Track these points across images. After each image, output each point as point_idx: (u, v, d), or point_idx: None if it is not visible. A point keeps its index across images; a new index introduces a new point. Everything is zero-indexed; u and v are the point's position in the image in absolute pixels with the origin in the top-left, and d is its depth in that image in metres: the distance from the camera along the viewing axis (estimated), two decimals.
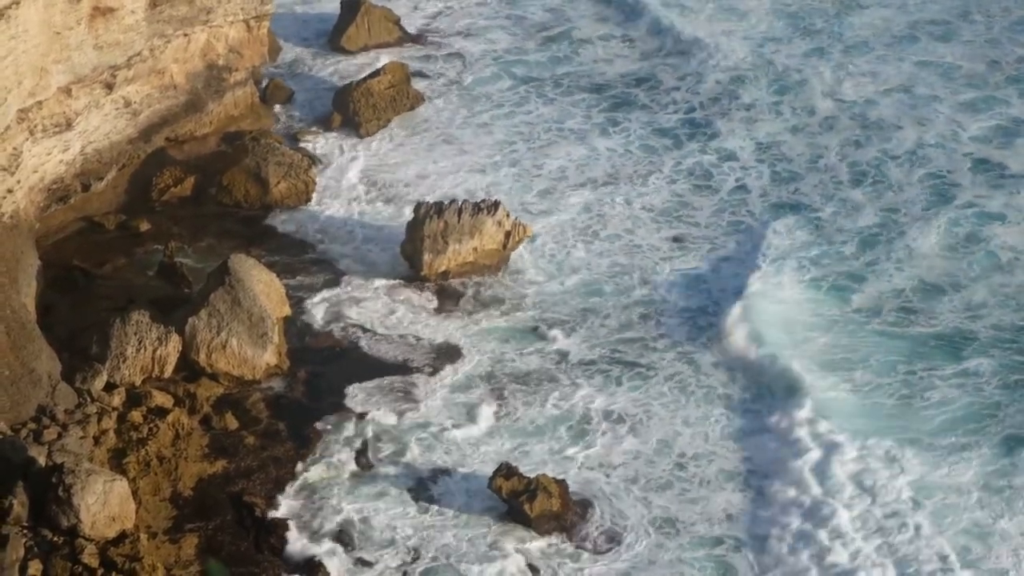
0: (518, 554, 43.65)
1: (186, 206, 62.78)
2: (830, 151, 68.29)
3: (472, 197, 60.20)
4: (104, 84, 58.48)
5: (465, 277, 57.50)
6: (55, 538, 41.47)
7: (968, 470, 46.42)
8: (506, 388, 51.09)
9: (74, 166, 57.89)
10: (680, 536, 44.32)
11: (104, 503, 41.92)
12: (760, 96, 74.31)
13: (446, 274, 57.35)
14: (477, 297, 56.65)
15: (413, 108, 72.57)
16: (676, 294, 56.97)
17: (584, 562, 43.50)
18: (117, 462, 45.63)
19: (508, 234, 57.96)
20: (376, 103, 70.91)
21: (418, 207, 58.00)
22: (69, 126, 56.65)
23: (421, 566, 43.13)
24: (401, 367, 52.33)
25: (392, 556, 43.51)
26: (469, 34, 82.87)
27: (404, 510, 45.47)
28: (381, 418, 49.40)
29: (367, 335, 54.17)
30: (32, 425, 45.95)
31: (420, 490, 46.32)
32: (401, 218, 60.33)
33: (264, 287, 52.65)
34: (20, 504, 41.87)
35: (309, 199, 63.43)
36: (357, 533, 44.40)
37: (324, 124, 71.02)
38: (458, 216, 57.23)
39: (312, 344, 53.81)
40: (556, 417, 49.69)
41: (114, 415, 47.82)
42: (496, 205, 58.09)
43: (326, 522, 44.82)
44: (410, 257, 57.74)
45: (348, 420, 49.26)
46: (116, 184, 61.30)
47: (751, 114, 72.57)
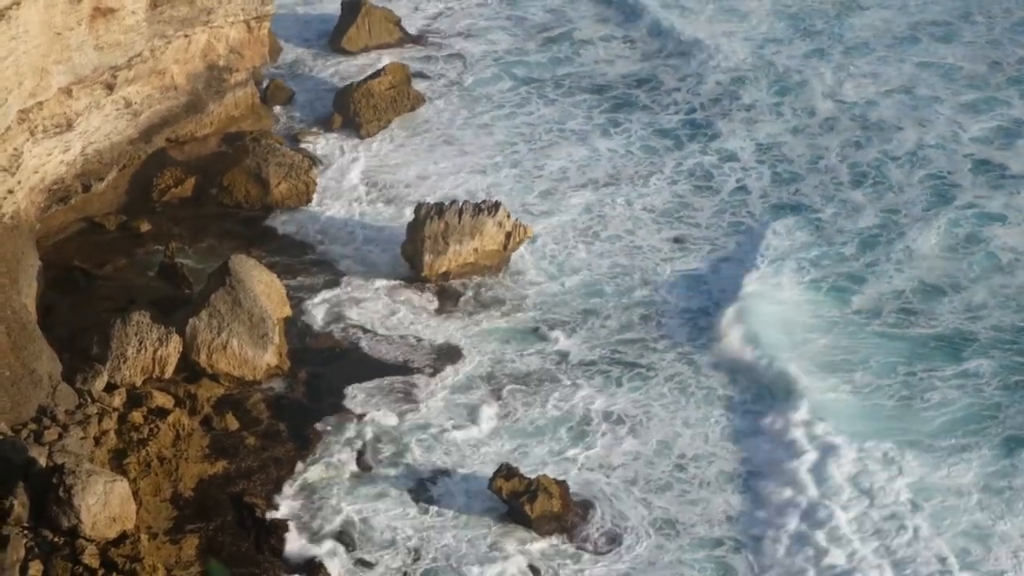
0: (519, 555, 43.63)
1: (187, 207, 62.79)
2: (830, 152, 68.28)
3: (473, 198, 60.15)
4: (105, 85, 58.48)
5: (466, 278, 57.49)
6: (56, 539, 41.46)
7: (968, 471, 46.42)
8: (506, 389, 51.09)
9: (75, 167, 57.88)
10: (680, 537, 44.33)
11: (105, 504, 41.90)
12: (761, 97, 74.28)
13: (447, 275, 57.34)
14: (478, 298, 56.65)
15: (414, 109, 72.57)
16: (677, 295, 56.98)
17: (585, 563, 43.48)
18: (118, 463, 45.62)
19: (509, 235, 57.95)
20: (377, 104, 70.89)
21: (419, 208, 57.99)
22: (70, 127, 56.65)
23: (421, 567, 43.13)
24: (401, 368, 52.35)
25: (392, 557, 43.51)
26: (470, 35, 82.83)
27: (404, 511, 45.46)
28: (381, 419, 49.40)
29: (367, 336, 54.19)
30: (33, 426, 45.93)
31: (420, 491, 46.32)
32: (402, 219, 60.33)
33: (265, 288, 52.64)
34: (21, 505, 41.85)
35: (310, 200, 63.43)
36: (357, 534, 44.40)
37: (325, 125, 71.03)
38: (459, 217, 57.22)
39: (313, 345, 53.81)
40: (556, 418, 49.71)
41: (115, 416, 47.81)
42: (497, 206, 58.08)
43: (326, 523, 44.81)
44: (411, 258, 57.74)
45: (348, 421, 49.26)
46: (117, 185, 61.30)
47: (752, 115, 72.55)
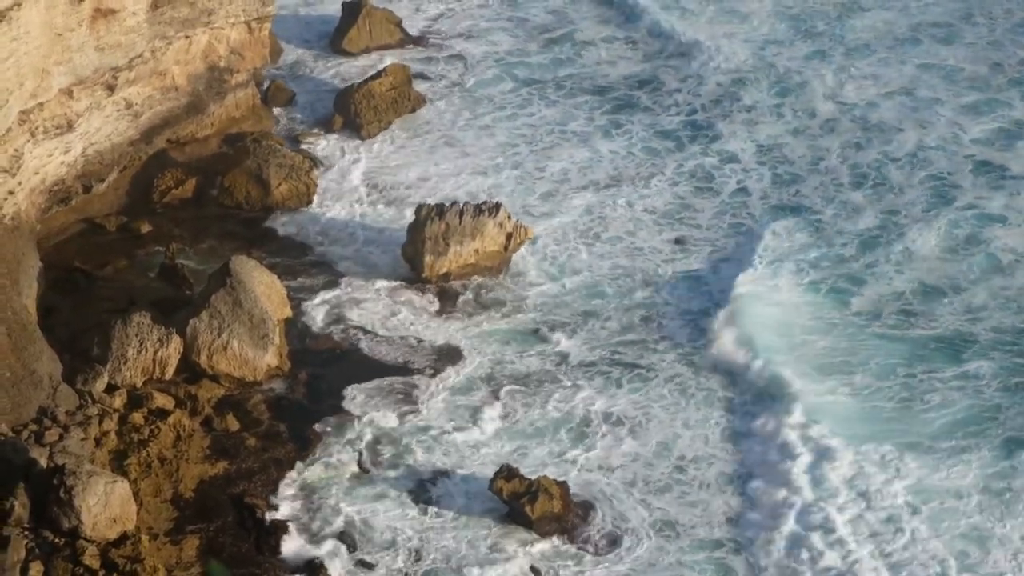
0: (519, 556, 43.65)
1: (187, 208, 62.80)
2: (831, 153, 68.21)
3: (474, 199, 60.11)
4: (105, 86, 58.47)
5: (466, 279, 57.48)
6: (56, 539, 41.48)
7: (967, 473, 46.42)
8: (507, 390, 51.10)
9: (75, 168, 57.87)
10: (680, 539, 44.36)
11: (105, 504, 41.92)
12: (761, 98, 74.20)
13: (447, 276, 57.34)
14: (478, 299, 56.65)
15: (414, 110, 72.55)
16: (677, 296, 56.98)
17: (585, 564, 43.51)
18: (118, 464, 45.62)
19: (509, 236, 57.94)
20: (377, 105, 70.86)
21: (419, 209, 57.97)
22: (70, 128, 56.64)
23: (422, 568, 43.16)
24: (402, 369, 52.36)
25: (393, 558, 43.54)
26: (471, 36, 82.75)
27: (405, 512, 45.49)
28: (382, 420, 49.42)
29: (368, 337, 54.19)
30: (33, 427, 45.94)
31: (421, 492, 46.35)
32: (402, 220, 60.32)
33: (265, 289, 52.65)
34: (21, 505, 41.88)
35: (310, 201, 63.42)
36: (358, 535, 44.40)
37: (325, 126, 71.01)
38: (459, 218, 57.22)
39: (313, 346, 53.82)
40: (557, 419, 49.72)
41: (115, 417, 47.83)
42: (497, 207, 58.07)
43: (327, 524, 44.84)
44: (411, 259, 57.74)
45: (349, 422, 49.28)
46: (117, 186, 61.28)
47: (752, 116, 72.50)
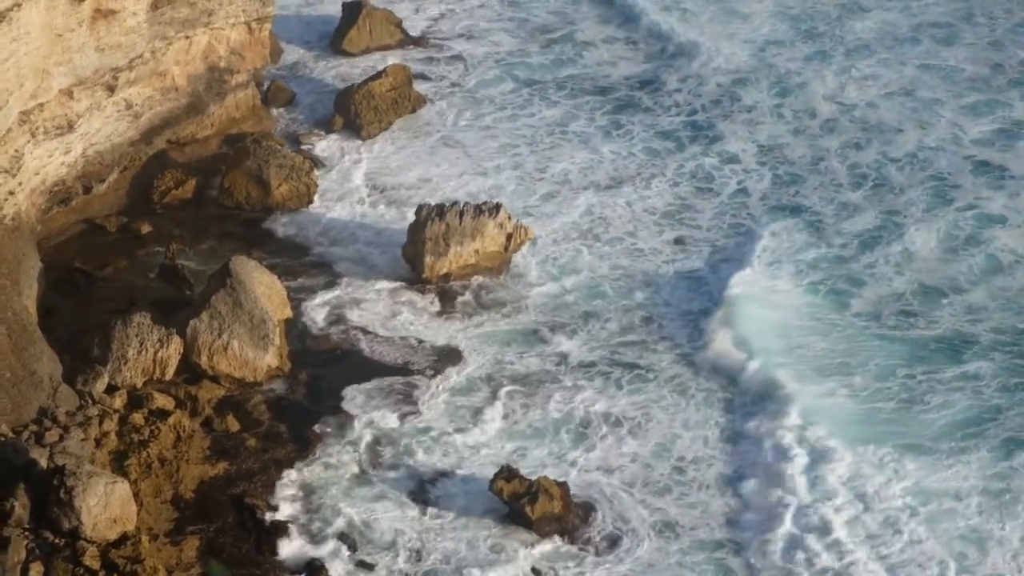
0: (520, 557, 43.60)
1: (187, 208, 62.82)
2: (831, 154, 68.13)
3: (474, 200, 60.06)
4: (105, 86, 58.46)
5: (466, 279, 57.48)
6: (56, 540, 41.48)
7: (966, 474, 46.31)
8: (507, 391, 51.05)
9: (75, 168, 57.88)
10: (680, 540, 44.29)
11: (105, 505, 41.92)
12: (761, 99, 74.13)
13: (447, 276, 57.34)
14: (478, 300, 56.64)
15: (415, 110, 72.53)
16: (678, 297, 56.96)
17: (586, 565, 43.47)
18: (118, 464, 45.60)
19: (510, 236, 57.94)
20: (378, 105, 70.85)
21: (419, 209, 57.95)
22: (71, 128, 56.64)
23: (422, 568, 43.12)
24: (402, 369, 52.34)
25: (393, 558, 43.50)
26: (471, 36, 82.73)
27: (405, 512, 45.45)
28: (382, 420, 49.42)
29: (368, 337, 54.18)
30: (33, 427, 45.93)
31: (421, 492, 46.32)
32: (402, 220, 60.27)
33: (265, 289, 52.65)
34: (21, 506, 41.87)
35: (310, 201, 63.41)
36: (358, 535, 44.38)
37: (325, 126, 71.00)
38: (459, 218, 57.22)
39: (313, 346, 53.81)
40: (557, 420, 49.69)
41: (115, 417, 47.82)
42: (497, 207, 58.06)
43: (327, 524, 44.81)
44: (411, 259, 57.74)
45: (349, 422, 49.26)
46: (117, 186, 61.29)
47: (752, 116, 72.44)
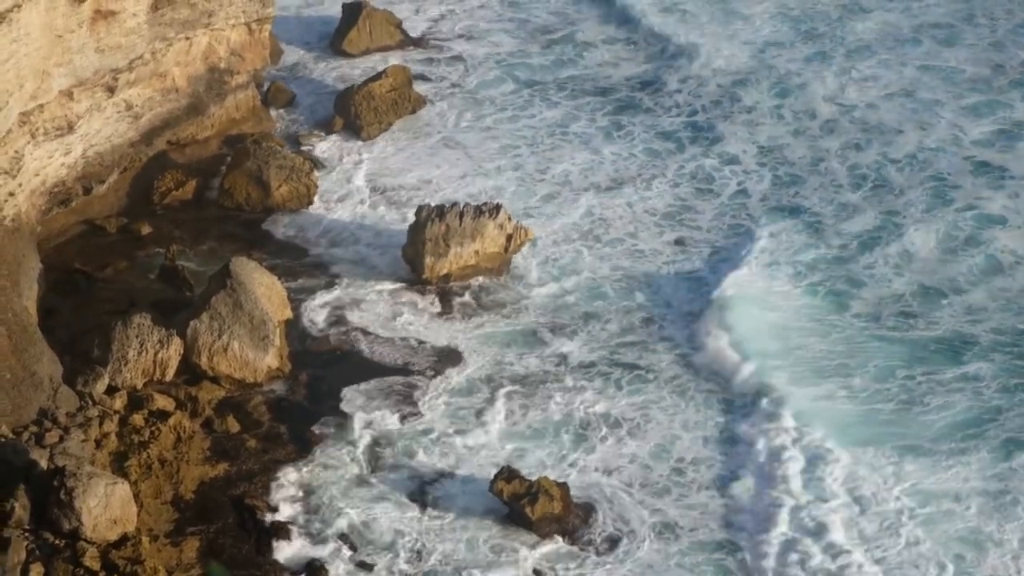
0: (520, 557, 43.59)
1: (187, 209, 62.83)
2: (831, 154, 68.13)
3: (475, 201, 60.01)
4: (106, 87, 58.49)
5: (467, 280, 57.50)
6: (57, 541, 41.50)
7: (966, 476, 46.30)
8: (507, 391, 51.06)
9: (75, 169, 57.90)
10: (680, 541, 44.28)
11: (106, 506, 41.95)
12: (762, 100, 74.15)
13: (447, 277, 57.34)
14: (478, 300, 56.63)
15: (415, 111, 72.56)
16: (678, 298, 56.94)
17: (586, 566, 43.46)
18: (119, 465, 45.63)
19: (510, 237, 57.95)
20: (378, 106, 70.87)
21: (420, 210, 57.95)
22: (71, 129, 56.66)
23: (423, 569, 43.11)
24: (402, 370, 52.34)
25: (393, 559, 43.51)
26: (471, 37, 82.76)
27: (405, 513, 45.44)
28: (382, 421, 49.42)
29: (368, 338, 54.17)
30: (34, 428, 45.95)
31: (421, 493, 46.33)
32: (403, 221, 60.32)
33: (265, 290, 52.65)
34: (22, 507, 41.89)
35: (311, 202, 63.44)
36: (358, 536, 44.39)
37: (326, 127, 71.03)
38: (459, 219, 57.22)
39: (313, 347, 53.82)
40: (557, 421, 49.69)
41: (116, 418, 47.84)
42: (497, 208, 58.06)
43: (328, 525, 44.81)
44: (411, 260, 57.75)
45: (349, 423, 49.25)
46: (117, 187, 61.30)
47: (753, 117, 72.44)
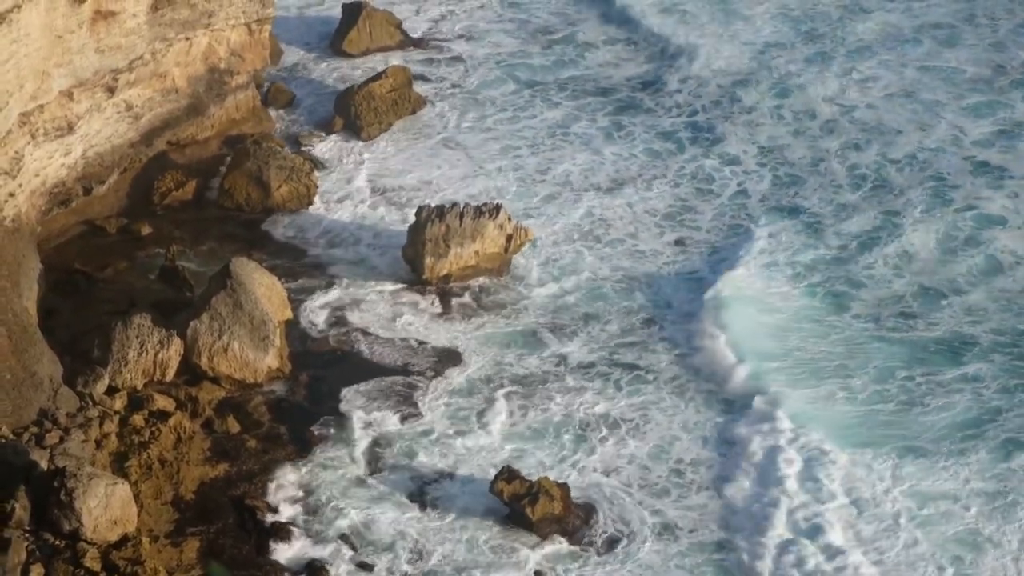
0: (520, 558, 43.58)
1: (187, 210, 62.82)
2: (831, 155, 68.15)
3: (475, 201, 59.99)
4: (106, 87, 58.48)
5: (467, 281, 57.50)
6: (57, 542, 41.48)
7: (966, 476, 46.30)
8: (507, 392, 51.06)
9: (75, 170, 57.88)
10: (679, 541, 44.28)
11: (106, 507, 41.94)
12: (762, 100, 74.17)
13: (448, 278, 57.34)
14: (479, 301, 56.64)
15: (415, 112, 72.58)
16: (678, 298, 56.94)
17: (586, 566, 43.47)
18: (119, 466, 45.61)
19: (510, 237, 57.94)
20: (378, 107, 70.88)
21: (420, 210, 57.95)
22: (71, 130, 56.64)
23: (423, 569, 43.11)
24: (402, 371, 52.33)
25: (393, 559, 43.50)
26: (472, 37, 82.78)
27: (405, 514, 45.45)
28: (382, 422, 49.43)
29: (368, 339, 54.17)
30: (34, 429, 45.93)
31: (421, 493, 46.34)
32: (403, 222, 60.33)
33: (266, 290, 52.64)
34: (22, 508, 41.86)
35: (311, 203, 63.45)
36: (359, 536, 44.38)
37: (326, 128, 71.05)
38: (460, 220, 57.22)
39: (313, 348, 53.80)
40: (557, 421, 49.69)
41: (116, 419, 47.83)
42: (497, 209, 58.05)
43: (328, 526, 44.80)
44: (412, 261, 57.75)
45: (349, 423, 49.26)
46: (117, 188, 61.29)
47: (753, 118, 72.46)
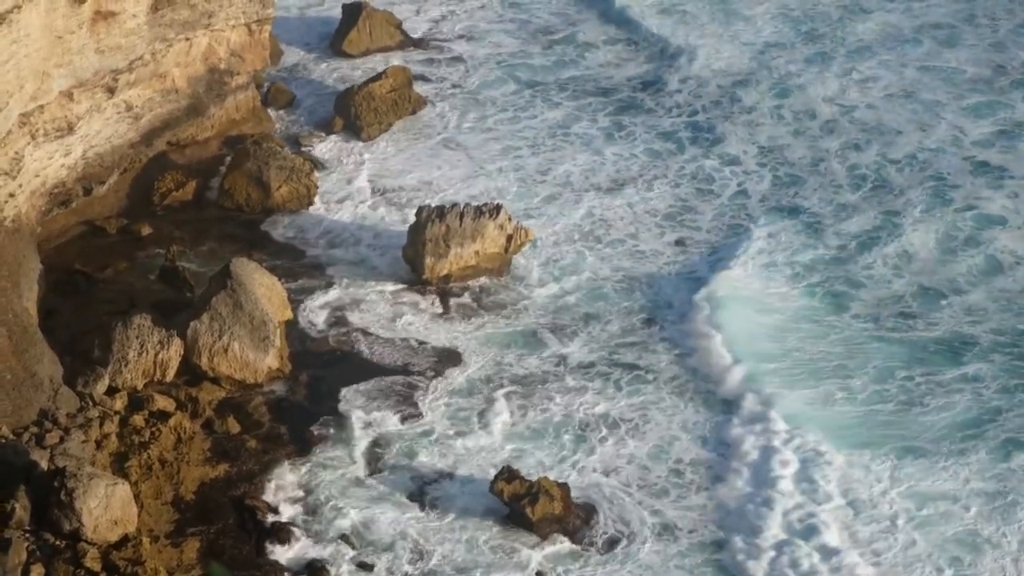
0: (520, 558, 43.57)
1: (188, 210, 62.84)
2: (831, 155, 68.19)
3: (475, 201, 60.00)
4: (106, 88, 58.49)
5: (467, 281, 57.51)
6: (57, 542, 41.50)
7: (965, 477, 46.30)
8: (507, 392, 51.06)
9: (76, 170, 57.90)
10: (679, 542, 44.29)
11: (106, 507, 41.96)
12: (762, 100, 74.21)
13: (448, 278, 57.34)
14: (479, 301, 56.65)
15: (415, 112, 72.61)
16: (678, 298, 56.92)
17: (586, 566, 43.47)
18: (119, 466, 45.62)
19: (510, 238, 57.95)
20: (378, 107, 70.90)
21: (420, 211, 57.97)
22: (71, 130, 56.66)
23: (423, 569, 43.12)
24: (402, 371, 52.33)
25: (393, 559, 43.50)
26: (472, 38, 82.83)
27: (406, 514, 45.45)
28: (382, 422, 49.43)
29: (368, 339, 54.18)
30: (34, 429, 45.95)
31: (421, 494, 46.35)
32: (403, 222, 60.34)
33: (266, 291, 52.64)
34: (22, 508, 41.89)
35: (311, 203, 63.47)
36: (359, 537, 44.39)
37: (326, 128, 71.09)
38: (460, 220, 57.23)
39: (313, 348, 53.81)
40: (557, 421, 49.68)
41: (116, 419, 47.83)
42: (498, 209, 58.06)
43: (328, 526, 44.82)
44: (412, 261, 57.76)
45: (349, 423, 49.27)
46: (118, 188, 61.31)
47: (753, 118, 72.52)
